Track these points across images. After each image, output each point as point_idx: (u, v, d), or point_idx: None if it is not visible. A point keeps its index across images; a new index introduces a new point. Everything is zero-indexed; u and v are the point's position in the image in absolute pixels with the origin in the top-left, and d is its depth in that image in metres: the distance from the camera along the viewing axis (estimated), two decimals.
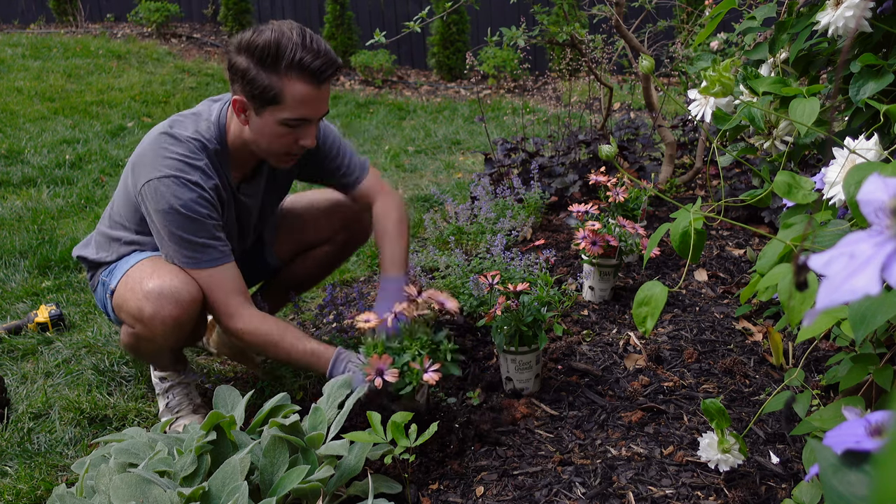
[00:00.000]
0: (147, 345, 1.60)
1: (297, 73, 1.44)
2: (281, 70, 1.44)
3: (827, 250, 0.43)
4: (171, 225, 1.51)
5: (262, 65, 1.44)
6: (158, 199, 1.50)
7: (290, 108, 1.48)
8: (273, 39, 1.42)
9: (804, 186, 1.06)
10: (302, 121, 1.51)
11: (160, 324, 1.51)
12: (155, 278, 1.52)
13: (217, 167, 1.58)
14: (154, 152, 1.53)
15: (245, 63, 1.45)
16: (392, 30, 7.65)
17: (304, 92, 1.46)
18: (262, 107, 1.48)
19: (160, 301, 1.49)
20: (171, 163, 1.51)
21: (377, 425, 1.32)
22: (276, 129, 1.51)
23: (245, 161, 1.65)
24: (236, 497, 1.09)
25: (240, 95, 1.49)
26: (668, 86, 5.21)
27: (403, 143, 5.02)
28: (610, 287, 2.15)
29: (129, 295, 1.54)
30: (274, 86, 1.45)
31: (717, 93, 1.06)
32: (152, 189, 1.51)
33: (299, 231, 1.98)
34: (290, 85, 1.45)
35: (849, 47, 1.25)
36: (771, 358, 1.81)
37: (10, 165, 4.03)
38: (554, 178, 3.03)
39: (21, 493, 1.53)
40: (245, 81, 1.46)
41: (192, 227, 1.51)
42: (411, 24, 2.43)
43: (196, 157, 1.53)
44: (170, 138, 1.54)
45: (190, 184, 1.50)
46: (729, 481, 1.37)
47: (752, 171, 2.56)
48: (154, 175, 1.51)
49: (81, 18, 8.33)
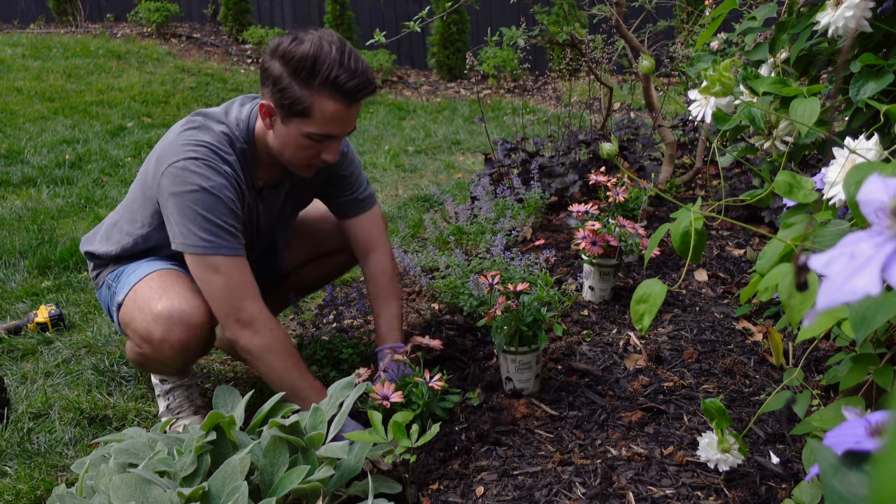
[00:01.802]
0: (153, 363, 1.59)
1: (330, 91, 1.41)
2: (314, 86, 1.40)
3: (827, 250, 0.43)
4: (194, 204, 1.43)
5: (296, 76, 1.40)
6: (183, 180, 1.44)
7: (317, 124, 1.45)
8: (311, 53, 1.39)
9: (805, 186, 1.06)
10: (327, 137, 1.48)
11: (168, 347, 1.49)
12: (165, 299, 1.48)
13: (243, 165, 1.55)
14: (183, 140, 1.49)
15: (279, 70, 1.42)
16: (392, 30, 7.65)
17: (334, 110, 1.43)
18: (288, 117, 1.45)
19: (169, 325, 1.47)
20: (202, 150, 1.47)
21: (378, 425, 1.32)
22: (300, 141, 1.48)
23: (270, 165, 1.61)
24: (236, 497, 1.09)
25: (268, 101, 1.46)
26: (668, 86, 5.21)
27: (403, 143, 5.02)
28: (610, 287, 2.15)
29: (138, 314, 1.51)
30: (304, 100, 1.41)
31: (717, 93, 1.06)
32: (179, 169, 1.44)
33: (314, 241, 1.96)
34: (321, 102, 1.42)
35: (849, 47, 1.25)
36: (771, 358, 1.81)
37: (10, 165, 4.03)
38: (554, 178, 3.03)
39: (21, 493, 1.53)
40: (276, 89, 1.43)
41: (217, 208, 1.45)
42: (411, 23, 2.43)
43: (226, 150, 1.51)
44: (200, 130, 1.51)
45: (220, 170, 1.47)
46: (729, 481, 1.37)
47: (752, 171, 2.56)
48: (183, 156, 1.46)
49: (81, 18, 8.33)
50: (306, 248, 1.98)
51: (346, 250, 1.92)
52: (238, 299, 1.48)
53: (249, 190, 1.59)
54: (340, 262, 2.01)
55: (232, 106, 1.60)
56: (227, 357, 2.15)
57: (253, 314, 1.48)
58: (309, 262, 2.01)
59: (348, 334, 1.91)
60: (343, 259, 1.99)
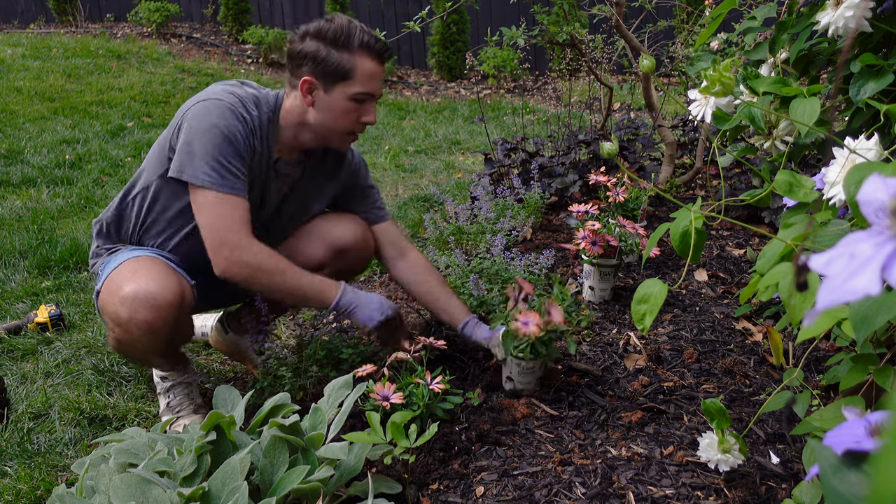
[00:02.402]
0: (129, 348, 1.60)
1: (367, 52, 1.59)
2: (353, 48, 1.58)
3: (827, 250, 0.43)
4: (207, 140, 1.53)
5: (335, 45, 1.57)
6: (204, 116, 1.54)
7: (360, 83, 1.60)
8: (344, 24, 1.59)
9: (805, 185, 1.06)
10: (368, 96, 1.62)
11: (135, 328, 1.51)
12: (132, 283, 1.52)
13: (263, 129, 1.64)
14: (213, 89, 1.61)
15: (315, 46, 1.58)
16: (392, 30, 7.66)
17: (372, 68, 1.61)
18: (332, 84, 1.59)
19: (134, 305, 1.50)
20: (228, 97, 1.58)
21: (377, 425, 1.32)
22: (345, 105, 1.61)
23: (291, 147, 1.70)
24: (236, 497, 1.09)
25: (309, 76, 1.59)
26: (668, 86, 5.21)
27: (403, 143, 5.02)
28: (610, 287, 2.15)
29: (109, 298, 1.55)
30: (346, 63, 1.58)
31: (717, 92, 1.06)
32: (202, 107, 1.55)
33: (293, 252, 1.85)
34: (361, 61, 1.59)
35: (849, 47, 1.25)
36: (771, 358, 1.81)
37: (10, 165, 4.03)
38: (554, 178, 3.03)
39: (21, 493, 1.53)
40: (316, 62, 1.58)
41: (227, 150, 1.54)
42: (411, 23, 2.43)
43: (252, 108, 1.61)
44: (233, 85, 1.63)
45: (240, 116, 1.57)
46: (729, 481, 1.37)
47: (752, 170, 2.56)
48: (209, 97, 1.57)
49: (81, 18, 8.34)
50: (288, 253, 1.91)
51: (327, 266, 1.85)
52: (226, 230, 1.55)
53: (263, 152, 1.65)
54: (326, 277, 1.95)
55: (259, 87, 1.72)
56: (226, 357, 2.15)
57: (247, 235, 1.57)
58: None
59: (348, 334, 1.91)
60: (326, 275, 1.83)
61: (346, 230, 1.86)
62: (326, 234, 1.86)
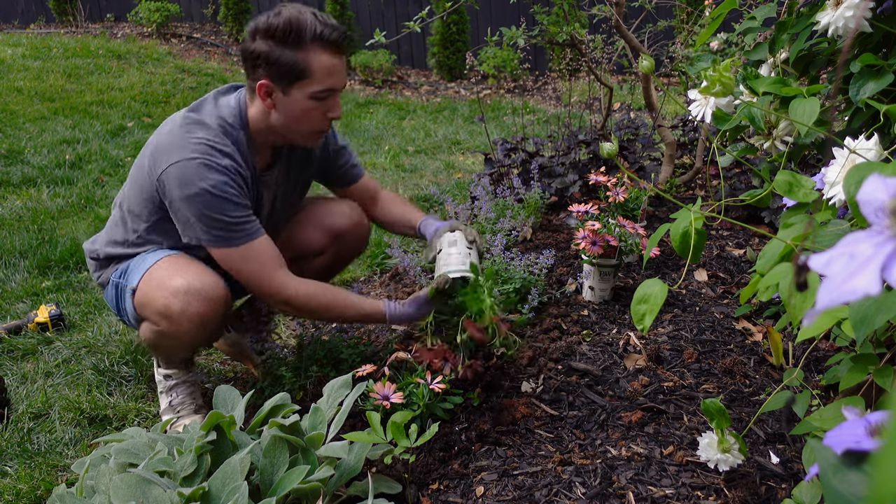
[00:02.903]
0: (170, 342, 1.60)
1: (321, 45, 1.49)
2: (306, 44, 1.48)
3: (827, 250, 0.43)
4: (201, 206, 1.50)
5: (286, 43, 1.47)
6: (186, 183, 1.49)
7: (318, 80, 1.51)
8: (292, 17, 1.46)
9: (805, 185, 1.06)
10: (329, 91, 1.54)
11: (187, 321, 1.52)
12: (182, 276, 1.52)
13: (243, 153, 1.59)
14: (179, 137, 1.52)
15: (266, 46, 1.48)
16: (392, 30, 7.66)
17: (329, 62, 1.51)
18: (289, 85, 1.51)
19: (188, 297, 1.50)
20: (200, 147, 1.50)
21: (377, 425, 1.32)
22: (306, 105, 1.54)
23: (265, 149, 1.67)
24: (236, 497, 1.09)
25: (264, 79, 1.51)
26: (668, 86, 5.22)
27: (403, 143, 5.02)
28: (610, 287, 2.15)
29: (156, 293, 1.54)
30: (300, 61, 1.48)
31: (717, 93, 1.06)
32: (179, 170, 1.49)
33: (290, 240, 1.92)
34: (316, 57, 1.49)
35: (849, 47, 1.25)
36: (771, 358, 1.81)
37: (10, 165, 4.03)
38: (554, 178, 3.03)
39: (21, 493, 1.53)
40: (269, 63, 1.49)
41: (223, 207, 1.51)
42: (411, 23, 2.43)
43: (223, 142, 1.54)
44: (195, 124, 1.54)
45: (220, 167, 1.51)
46: (729, 481, 1.37)
47: (752, 171, 2.56)
48: (181, 157, 1.49)
49: (81, 18, 8.34)
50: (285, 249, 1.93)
51: (327, 252, 1.91)
52: (258, 279, 1.57)
53: (251, 174, 1.62)
54: (321, 266, 1.95)
55: (216, 97, 1.63)
56: (226, 357, 2.15)
57: (283, 275, 1.59)
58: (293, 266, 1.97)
59: (348, 334, 1.91)
60: (323, 261, 1.94)
61: (343, 215, 1.90)
62: (323, 220, 1.90)
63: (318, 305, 1.63)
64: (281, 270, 1.60)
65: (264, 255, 1.57)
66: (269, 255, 1.59)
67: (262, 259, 1.57)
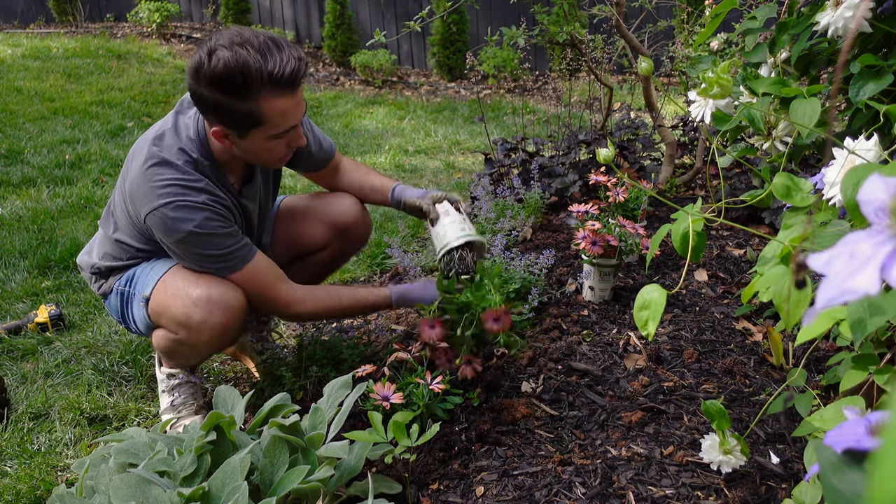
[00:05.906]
0: (187, 349, 1.60)
1: (270, 91, 1.37)
2: (254, 95, 1.36)
3: (827, 250, 0.43)
4: (190, 247, 1.50)
5: (233, 95, 1.36)
6: (169, 229, 1.47)
7: (274, 125, 1.44)
8: (234, 64, 1.32)
9: (803, 189, 1.06)
10: (288, 130, 1.49)
11: (208, 330, 1.52)
12: (200, 286, 1.52)
13: (215, 181, 1.55)
14: (149, 181, 1.47)
15: (213, 96, 1.37)
16: (392, 30, 7.66)
17: (283, 106, 1.41)
18: (245, 131, 1.44)
19: (209, 307, 1.50)
20: (172, 189, 1.46)
21: (378, 425, 1.32)
22: (266, 145, 1.49)
23: (237, 166, 1.64)
24: (236, 497, 1.09)
25: (218, 126, 1.44)
26: (668, 86, 5.22)
27: (403, 143, 5.02)
28: (610, 287, 2.15)
29: (174, 301, 1.53)
30: (252, 112, 1.39)
31: (715, 95, 1.07)
32: (159, 219, 1.47)
33: (292, 238, 1.93)
34: (269, 105, 1.39)
35: (849, 48, 1.25)
36: (771, 358, 1.81)
37: (10, 165, 4.03)
38: (554, 178, 3.03)
39: (21, 493, 1.53)
40: (219, 114, 1.41)
41: (211, 242, 1.50)
42: (411, 23, 2.43)
43: (195, 178, 1.49)
44: (160, 165, 1.47)
45: (197, 204, 1.47)
46: (729, 481, 1.37)
47: (752, 171, 2.56)
48: (156, 204, 1.46)
49: (81, 18, 8.33)
50: (285, 248, 1.94)
51: (329, 247, 1.91)
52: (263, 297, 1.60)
53: (231, 198, 1.60)
54: (324, 261, 1.96)
55: (174, 122, 1.55)
56: (226, 357, 2.15)
57: (287, 289, 1.63)
58: (291, 266, 1.96)
59: (348, 334, 1.91)
60: (326, 256, 1.95)
61: (346, 209, 1.90)
62: (325, 213, 1.90)
63: (327, 309, 1.67)
64: (283, 284, 1.61)
65: (263, 275, 1.58)
66: (267, 272, 1.60)
67: (262, 278, 1.58)
